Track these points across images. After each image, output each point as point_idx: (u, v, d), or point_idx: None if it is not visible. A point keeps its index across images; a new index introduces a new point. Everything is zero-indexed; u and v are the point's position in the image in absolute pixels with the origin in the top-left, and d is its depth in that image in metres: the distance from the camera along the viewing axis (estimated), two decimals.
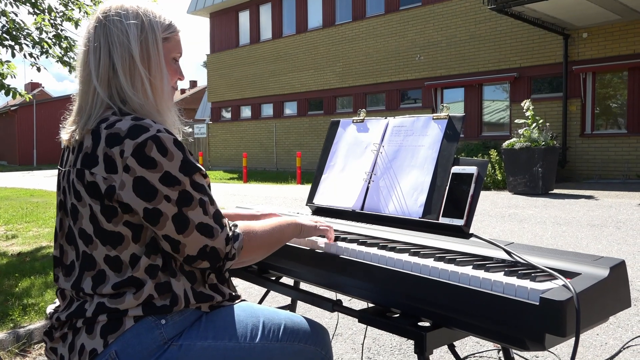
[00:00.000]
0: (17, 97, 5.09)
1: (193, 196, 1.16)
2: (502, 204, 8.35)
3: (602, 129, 12.54)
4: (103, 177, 1.13)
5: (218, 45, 22.28)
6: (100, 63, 1.21)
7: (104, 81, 1.22)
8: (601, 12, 10.99)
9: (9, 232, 6.40)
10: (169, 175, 1.14)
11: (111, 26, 1.22)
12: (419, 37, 15.36)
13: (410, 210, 1.61)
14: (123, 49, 1.21)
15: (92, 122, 1.19)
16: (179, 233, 1.14)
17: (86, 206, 1.17)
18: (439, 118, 1.68)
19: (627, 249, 4.91)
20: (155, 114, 1.25)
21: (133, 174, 1.12)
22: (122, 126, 1.15)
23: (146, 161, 1.12)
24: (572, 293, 0.99)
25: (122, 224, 1.15)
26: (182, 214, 1.15)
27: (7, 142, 34.76)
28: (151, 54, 1.24)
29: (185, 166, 1.16)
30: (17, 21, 5.23)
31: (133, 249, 1.16)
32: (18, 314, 3.14)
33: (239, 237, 1.23)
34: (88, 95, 1.23)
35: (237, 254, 1.23)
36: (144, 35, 1.24)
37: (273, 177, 16.33)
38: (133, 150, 1.12)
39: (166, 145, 1.14)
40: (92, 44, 1.23)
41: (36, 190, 13.17)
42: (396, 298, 1.30)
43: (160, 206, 1.13)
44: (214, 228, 1.18)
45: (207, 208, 1.18)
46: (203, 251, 1.17)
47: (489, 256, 1.30)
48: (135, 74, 1.22)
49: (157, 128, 1.16)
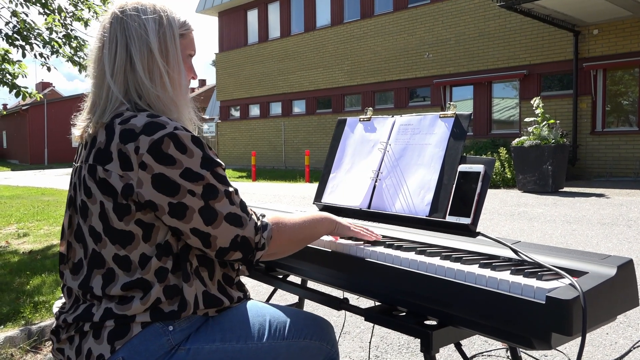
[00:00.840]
0: (27, 98, 5.14)
1: (218, 188, 1.15)
2: (512, 202, 8.30)
3: (613, 127, 12.42)
4: (119, 175, 1.11)
5: (227, 44, 22.33)
6: (117, 57, 1.20)
7: (119, 76, 1.20)
8: (612, 9, 10.88)
9: (20, 231, 6.46)
10: (191, 171, 1.12)
11: (129, 20, 1.21)
12: (427, 34, 15.30)
13: (417, 208, 1.61)
14: (141, 42, 1.20)
15: (107, 116, 1.18)
16: (208, 225, 1.13)
17: (97, 203, 1.14)
18: (446, 116, 1.67)
19: (638, 248, 4.87)
20: (173, 107, 1.24)
21: (150, 171, 1.10)
22: (138, 122, 1.14)
23: (163, 158, 1.10)
24: (579, 292, 0.98)
25: (133, 222, 1.13)
26: (209, 206, 1.13)
27: (19, 141, 35.10)
28: (169, 49, 1.24)
29: (206, 162, 1.15)
30: (27, 21, 5.28)
31: (143, 249, 1.14)
32: (29, 311, 3.17)
33: (267, 227, 1.21)
34: (102, 90, 1.21)
35: (267, 244, 1.21)
36: (162, 30, 1.23)
37: (282, 175, 16.36)
38: (149, 147, 1.10)
39: (184, 142, 1.13)
40: (108, 39, 1.21)
41: (47, 189, 13.29)
42: (402, 296, 1.30)
43: (185, 200, 1.11)
44: (242, 217, 1.17)
45: (233, 198, 1.17)
46: (235, 241, 1.16)
47: (495, 255, 1.30)
48: (153, 68, 1.22)
49: (174, 125, 1.14)
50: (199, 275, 1.20)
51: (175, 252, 1.17)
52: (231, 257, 1.18)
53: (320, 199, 1.95)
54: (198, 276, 1.20)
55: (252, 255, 1.19)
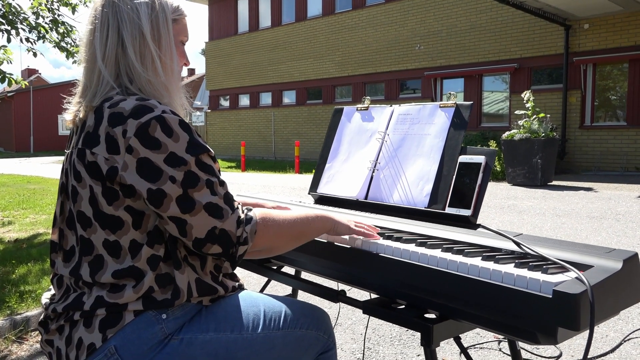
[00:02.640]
0: (12, 84, 5.03)
1: (199, 177, 1.11)
2: (501, 195, 8.33)
3: (601, 121, 12.51)
4: (105, 157, 1.09)
5: (217, 32, 22.10)
6: (108, 41, 1.18)
7: (110, 59, 1.19)
8: (603, 3, 10.92)
9: (5, 219, 6.36)
10: (175, 155, 1.09)
11: (121, 4, 1.19)
12: (419, 26, 15.26)
13: (415, 200, 1.58)
14: (133, 26, 1.19)
15: (98, 99, 1.16)
16: (185, 213, 1.09)
17: (86, 187, 1.12)
18: (446, 106, 1.64)
19: (626, 241, 4.90)
20: (164, 92, 1.22)
21: (136, 155, 1.08)
22: (126, 106, 1.12)
23: (150, 142, 1.08)
24: (587, 286, 0.96)
25: (122, 209, 1.11)
26: (187, 195, 1.10)
27: (4, 129, 34.56)
28: (162, 33, 1.22)
29: (192, 147, 1.12)
30: (13, 5, 5.15)
31: (133, 235, 1.12)
32: (15, 300, 3.11)
33: (251, 221, 1.16)
34: (93, 74, 1.19)
35: (250, 239, 1.16)
36: (155, 14, 1.21)
37: (271, 166, 16.29)
38: (136, 131, 1.08)
39: (171, 126, 1.10)
40: (100, 22, 1.19)
41: (33, 177, 13.11)
42: (402, 289, 1.27)
43: (165, 187, 1.08)
44: (223, 209, 1.12)
45: (216, 189, 1.13)
46: (212, 233, 1.11)
47: (497, 247, 1.27)
48: (145, 52, 1.20)
49: (162, 109, 1.12)
50: (189, 264, 1.18)
51: (166, 239, 1.15)
52: (209, 250, 1.13)
53: (316, 189, 1.91)
54: (189, 264, 1.17)
55: (233, 249, 1.14)
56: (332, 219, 1.36)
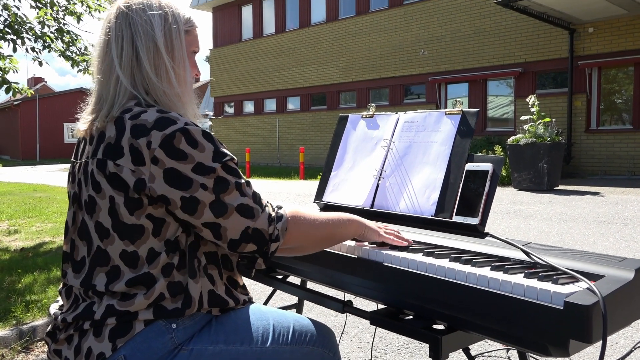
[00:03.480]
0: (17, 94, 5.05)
1: (229, 180, 1.13)
2: (507, 200, 8.29)
3: (607, 125, 12.45)
4: (131, 169, 1.10)
5: (221, 39, 22.20)
6: (123, 52, 1.19)
7: (127, 70, 1.19)
8: (607, 7, 10.89)
9: (11, 227, 6.38)
10: (202, 165, 1.11)
11: (134, 16, 1.20)
12: (423, 31, 15.26)
13: (422, 208, 1.57)
14: (147, 38, 1.20)
15: (116, 110, 1.16)
16: (218, 217, 1.12)
17: (106, 198, 1.13)
18: (452, 113, 1.63)
19: (635, 246, 4.86)
20: (178, 102, 1.23)
21: (162, 166, 1.09)
22: (148, 117, 1.12)
23: (175, 153, 1.10)
24: (598, 297, 0.94)
25: (144, 217, 1.12)
26: (219, 200, 1.12)
27: (10, 137, 34.77)
28: (175, 44, 1.24)
29: (217, 155, 1.14)
30: (19, 15, 5.19)
31: (152, 244, 1.13)
32: (21, 310, 3.11)
33: (282, 218, 1.19)
34: (110, 85, 1.19)
35: (282, 236, 1.18)
36: (168, 25, 1.23)
37: (276, 172, 16.30)
38: (161, 142, 1.09)
39: (195, 137, 1.12)
40: (114, 33, 1.20)
41: (39, 185, 13.17)
42: (409, 299, 1.25)
43: (197, 194, 1.10)
44: (253, 208, 1.15)
45: (244, 189, 1.15)
46: (245, 233, 1.14)
47: (506, 257, 1.26)
48: (159, 63, 1.21)
49: (185, 121, 1.13)
50: (207, 273, 1.18)
51: (182, 248, 1.16)
52: (244, 249, 1.16)
53: (322, 197, 1.90)
54: (206, 274, 1.18)
55: (266, 246, 1.17)
56: (364, 224, 1.37)
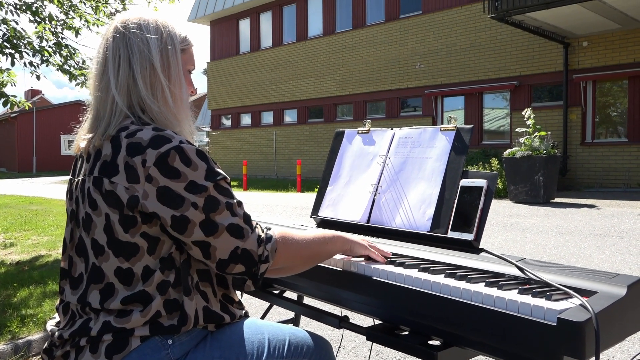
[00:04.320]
0: (14, 107, 5.06)
1: (219, 200, 1.14)
2: (504, 213, 8.31)
3: (602, 138, 12.53)
4: (125, 187, 1.11)
5: (218, 52, 22.31)
6: (120, 72, 1.21)
7: (123, 90, 1.21)
8: (601, 21, 11.02)
9: (7, 241, 6.35)
10: (195, 183, 1.12)
11: (131, 36, 1.22)
12: (419, 45, 15.38)
13: (417, 223, 1.58)
14: (143, 58, 1.21)
15: (112, 129, 1.18)
16: (208, 236, 1.12)
17: (102, 215, 1.14)
18: (447, 129, 1.65)
19: (631, 260, 4.87)
20: (174, 121, 1.25)
21: (156, 184, 1.11)
22: (144, 136, 1.14)
23: (169, 171, 1.11)
24: (591, 313, 0.95)
25: (139, 235, 1.13)
26: (209, 219, 1.13)
27: (7, 149, 34.73)
28: (171, 64, 1.25)
29: (210, 174, 1.15)
30: (17, 29, 5.22)
31: (147, 261, 1.14)
32: (16, 325, 3.09)
33: (271, 239, 1.20)
34: (107, 104, 1.21)
35: (271, 257, 1.19)
36: (164, 45, 1.24)
37: (273, 184, 16.30)
38: (156, 160, 1.11)
39: (189, 155, 1.13)
40: (111, 53, 1.22)
41: (35, 198, 13.13)
42: (405, 315, 1.26)
43: (188, 213, 1.11)
44: (243, 229, 1.16)
45: (235, 210, 1.16)
46: (234, 253, 1.14)
47: (500, 272, 1.27)
48: (155, 83, 1.23)
49: (180, 139, 1.15)
50: (200, 290, 1.19)
51: (177, 266, 1.16)
52: (233, 269, 1.16)
53: (318, 212, 1.91)
54: (199, 291, 1.19)
55: (255, 268, 1.17)
56: (349, 239, 1.40)
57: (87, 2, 5.78)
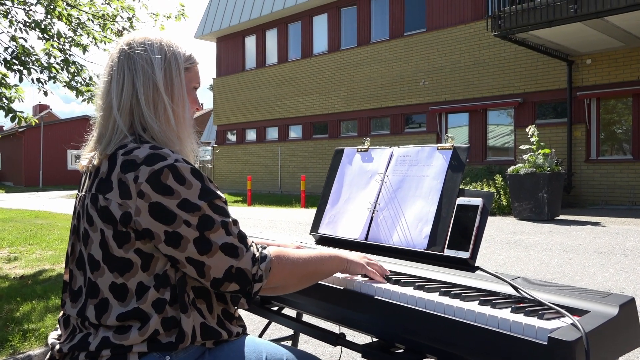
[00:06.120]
0: (22, 122, 5.13)
1: (214, 219, 1.15)
2: (508, 229, 8.28)
3: (607, 155, 12.51)
4: (118, 203, 1.13)
5: (224, 69, 22.52)
6: (124, 91, 1.24)
7: (125, 109, 1.23)
8: (604, 39, 11.07)
9: (12, 255, 6.38)
10: (188, 202, 1.13)
11: (135, 57, 1.25)
12: (423, 62, 15.48)
13: (414, 241, 1.60)
14: (147, 78, 1.24)
15: (111, 148, 1.20)
16: (202, 254, 1.13)
17: (97, 231, 1.16)
18: (444, 148, 1.67)
19: (635, 278, 4.84)
20: (176, 140, 1.26)
21: (148, 200, 1.12)
22: (140, 154, 1.16)
23: (162, 188, 1.12)
24: (581, 333, 0.96)
25: (132, 251, 1.14)
26: (204, 237, 1.13)
27: (14, 163, 34.97)
28: (174, 83, 1.27)
29: (205, 193, 1.15)
30: (26, 47, 5.30)
31: (141, 277, 1.15)
32: (18, 339, 3.10)
33: (266, 258, 1.20)
34: (109, 123, 1.24)
35: (265, 276, 1.19)
36: (168, 64, 1.27)
37: (277, 200, 16.32)
38: (148, 177, 1.12)
39: (183, 174, 1.14)
40: (116, 73, 1.25)
41: (41, 212, 13.19)
42: (401, 333, 1.27)
43: (180, 230, 1.12)
44: (238, 248, 1.16)
45: (230, 228, 1.17)
46: (229, 272, 1.15)
47: (495, 291, 1.28)
48: (158, 102, 1.25)
49: (175, 157, 1.16)
50: (196, 307, 1.20)
51: (173, 283, 1.17)
52: (227, 288, 1.16)
53: (317, 229, 1.93)
54: (196, 308, 1.20)
55: (249, 287, 1.18)
56: (346, 258, 1.39)
57: (95, 20, 5.88)
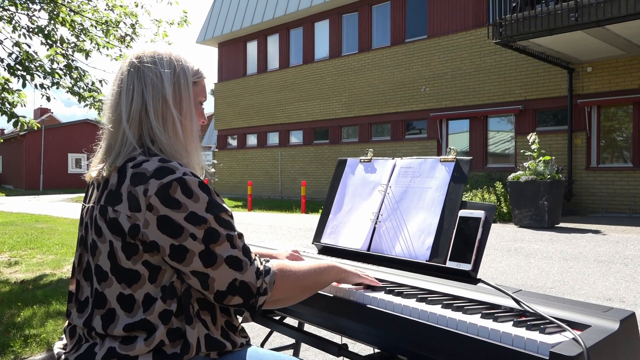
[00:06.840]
0: (24, 126, 5.15)
1: (220, 232, 1.16)
2: (508, 237, 8.29)
3: (607, 162, 12.52)
4: (127, 215, 1.15)
5: (226, 74, 22.58)
6: (133, 104, 1.25)
7: (134, 122, 1.25)
8: (605, 47, 11.10)
9: (12, 259, 6.39)
10: (195, 215, 1.15)
11: (145, 70, 1.26)
12: (424, 69, 15.53)
13: (417, 252, 1.61)
14: (156, 91, 1.26)
15: (121, 160, 1.22)
16: (207, 267, 1.14)
17: (106, 242, 1.18)
18: (447, 160, 1.68)
19: (635, 287, 4.85)
20: (184, 153, 1.28)
21: (156, 213, 1.13)
22: (149, 167, 1.17)
23: (170, 201, 1.14)
24: (582, 348, 0.97)
25: (140, 263, 1.16)
26: (209, 250, 1.15)
27: (15, 167, 34.99)
28: (183, 97, 1.29)
29: (211, 206, 1.17)
30: (29, 52, 5.33)
31: (148, 289, 1.16)
32: (19, 345, 3.11)
33: (270, 272, 1.22)
34: (118, 135, 1.25)
35: (270, 289, 1.20)
36: (177, 79, 1.29)
37: (278, 205, 16.33)
38: (157, 190, 1.14)
39: (191, 187, 1.16)
40: (125, 86, 1.27)
41: (41, 216, 13.20)
42: (403, 345, 1.28)
43: (186, 243, 1.13)
44: (242, 261, 1.17)
45: (236, 242, 1.18)
46: (232, 285, 1.16)
47: (497, 304, 1.29)
48: (167, 115, 1.27)
49: (184, 171, 1.18)
50: (201, 319, 1.21)
51: (179, 295, 1.18)
52: (230, 301, 1.17)
53: (320, 239, 1.94)
54: (200, 319, 1.21)
55: (254, 300, 1.19)
56: (342, 269, 1.43)
57: (98, 25, 5.91)
